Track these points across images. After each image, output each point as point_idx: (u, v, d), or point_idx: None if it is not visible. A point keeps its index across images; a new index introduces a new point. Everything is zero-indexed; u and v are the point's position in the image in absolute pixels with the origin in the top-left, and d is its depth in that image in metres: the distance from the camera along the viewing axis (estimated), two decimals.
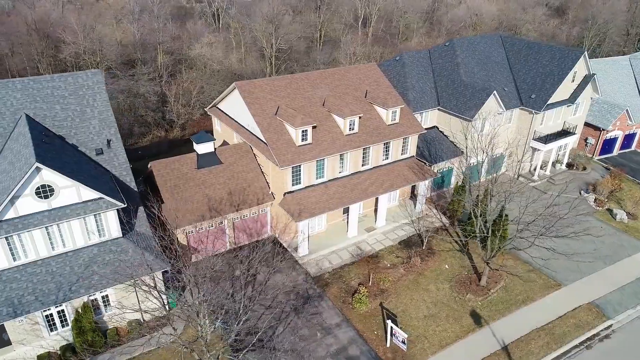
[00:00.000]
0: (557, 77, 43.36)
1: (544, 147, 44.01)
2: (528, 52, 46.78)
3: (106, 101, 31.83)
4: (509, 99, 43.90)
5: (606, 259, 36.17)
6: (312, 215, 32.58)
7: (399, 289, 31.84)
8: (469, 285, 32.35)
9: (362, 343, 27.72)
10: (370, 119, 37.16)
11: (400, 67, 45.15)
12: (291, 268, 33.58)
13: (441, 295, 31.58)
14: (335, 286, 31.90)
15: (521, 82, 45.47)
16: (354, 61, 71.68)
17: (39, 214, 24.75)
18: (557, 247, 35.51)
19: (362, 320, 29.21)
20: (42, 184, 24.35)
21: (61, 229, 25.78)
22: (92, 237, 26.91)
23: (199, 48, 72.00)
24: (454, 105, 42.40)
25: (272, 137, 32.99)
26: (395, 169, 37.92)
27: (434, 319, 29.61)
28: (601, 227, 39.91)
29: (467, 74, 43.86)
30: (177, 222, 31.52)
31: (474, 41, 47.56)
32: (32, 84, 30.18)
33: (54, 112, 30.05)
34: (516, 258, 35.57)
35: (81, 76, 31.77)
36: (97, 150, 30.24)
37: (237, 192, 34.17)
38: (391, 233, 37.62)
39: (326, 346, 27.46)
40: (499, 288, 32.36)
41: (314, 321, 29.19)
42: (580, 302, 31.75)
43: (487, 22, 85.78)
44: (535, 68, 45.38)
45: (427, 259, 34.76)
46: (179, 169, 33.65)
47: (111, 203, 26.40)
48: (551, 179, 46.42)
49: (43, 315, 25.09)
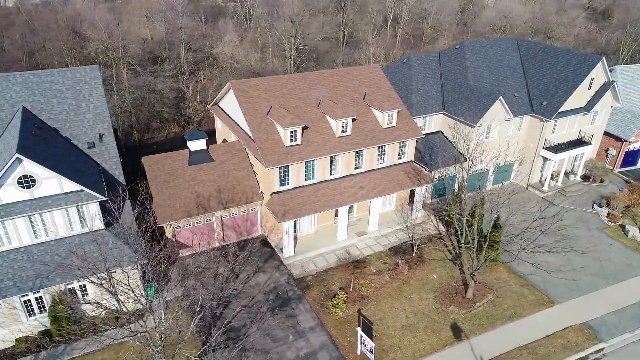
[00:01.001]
0: (571, 83, 41.26)
1: (555, 157, 41.98)
2: (544, 57, 44.76)
3: (102, 96, 32.76)
4: (519, 106, 42.15)
5: (610, 278, 34.10)
6: (297, 216, 32.37)
7: (380, 296, 31.16)
8: (455, 297, 31.25)
9: (333, 349, 27.29)
10: (366, 121, 36.56)
11: (407, 69, 44.20)
12: (275, 268, 33.50)
13: (423, 305, 30.66)
14: (315, 289, 31.57)
15: (534, 87, 43.56)
16: (374, 62, 70.83)
17: (21, 203, 25.73)
18: (559, 263, 34.05)
19: (337, 326, 28.76)
20: (24, 174, 25.30)
21: (44, 218, 26.72)
22: (75, 227, 27.73)
23: (221, 46, 73.15)
24: (458, 110, 41.12)
25: (260, 137, 33.00)
26: (390, 174, 37.14)
27: (412, 329, 28.78)
28: (610, 244, 37.71)
29: (475, 78, 42.41)
30: (164, 217, 32.08)
31: (487, 44, 45.95)
32: (32, 77, 31.44)
33: (51, 106, 31.20)
34: (510, 271, 34.11)
35: (79, 71, 32.83)
36: (89, 143, 31.18)
37: (227, 190, 34.41)
38: (383, 239, 36.87)
39: (296, 349, 27.20)
40: (486, 302, 31.10)
41: (289, 323, 28.97)
42: (572, 321, 30.06)
43: (518, 24, 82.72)
44: (549, 74, 43.37)
45: (416, 267, 33.86)
46: (170, 164, 34.22)
47: (92, 195, 27.13)
48: (563, 191, 44.23)
49: (21, 301, 26.06)
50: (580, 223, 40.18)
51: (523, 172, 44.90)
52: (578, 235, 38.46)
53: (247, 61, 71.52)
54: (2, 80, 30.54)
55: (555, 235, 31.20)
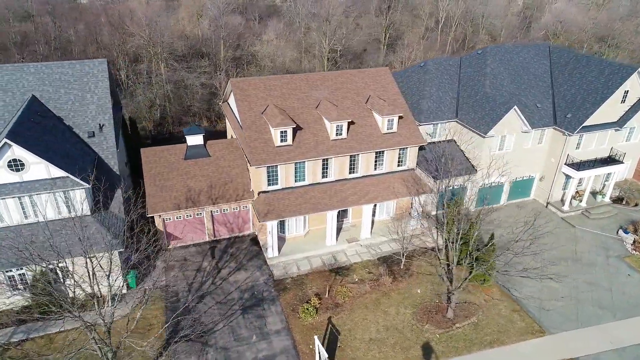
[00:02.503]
0: (601, 95, 37.74)
1: (576, 174, 38.58)
2: (575, 66, 41.32)
3: (106, 89, 34.35)
4: (540, 117, 39.19)
5: (618, 312, 30.82)
6: (279, 217, 32.14)
7: (355, 305, 30.21)
8: (434, 315, 29.63)
9: (294, 355, 26.79)
10: (364, 125, 35.60)
11: (423, 74, 42.52)
12: (258, 267, 33.49)
13: (398, 320, 29.34)
14: (292, 292, 31.19)
15: (560, 98, 40.33)
16: (408, 65, 68.90)
17: (11, 185, 27.55)
18: (562, 290, 31.48)
19: (303, 332, 28.22)
20: (13, 158, 27.05)
21: (33, 201, 28.44)
22: (63, 211, 29.27)
23: (260, 45, 74.42)
24: (471, 118, 38.96)
25: (252, 135, 33.11)
26: (387, 181, 35.90)
27: (379, 344, 27.62)
28: (628, 275, 34.11)
29: (494, 85, 39.94)
30: (154, 208, 33.07)
31: (512, 50, 43.14)
32: (44, 69, 33.59)
33: (58, 95, 33.18)
34: (503, 294, 31.84)
35: (88, 64, 34.64)
36: (89, 132, 32.82)
37: (218, 185, 34.86)
38: (375, 247, 35.74)
39: (257, 351, 27.00)
40: (467, 323, 29.20)
41: (257, 324, 28.83)
42: (560, 355, 27.46)
43: (574, 31, 76.95)
44: (578, 84, 39.96)
45: (401, 280, 32.50)
46: (167, 157, 35.22)
47: (77, 182, 28.49)
48: (587, 212, 40.58)
49: (5, 276, 27.91)
50: (599, 249, 36.71)
51: (544, 189, 41.74)
52: (593, 262, 35.23)
53: (282, 60, 72.21)
54: (16, 70, 32.89)
55: (542, 258, 28.67)
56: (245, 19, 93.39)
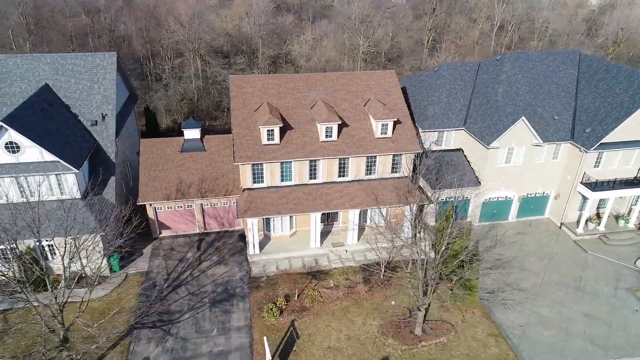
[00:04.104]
0: (626, 110, 34.22)
1: (592, 195, 35.25)
2: (603, 77, 37.76)
3: (113, 81, 36.16)
4: (556, 130, 36.23)
5: (612, 350, 27.83)
6: (258, 215, 32.23)
7: (322, 311, 29.61)
8: (401, 330, 28.36)
9: (247, 353, 26.78)
10: (358, 128, 34.79)
11: (435, 79, 40.78)
12: (238, 263, 33.82)
13: (363, 331, 28.38)
14: (263, 291, 31.18)
15: (582, 111, 37.05)
16: None
17: (8, 165, 29.79)
18: (556, 319, 29.14)
19: (263, 331, 28.09)
20: (9, 141, 29.24)
21: (29, 181, 30.58)
22: (55, 193, 31.23)
23: (297, 44, 75.06)
24: (477, 127, 36.83)
25: (240, 132, 33.45)
26: (377, 187, 34.79)
27: (336, 353, 26.88)
28: (636, 310, 30.70)
29: (507, 94, 37.44)
30: (145, 196, 34.41)
31: (535, 57, 40.19)
32: (59, 59, 36.00)
33: (69, 85, 35.41)
34: (485, 315, 29.83)
35: (99, 57, 36.66)
36: (92, 121, 34.74)
37: (209, 180, 35.59)
38: (360, 254, 34.84)
39: (213, 345, 27.26)
40: (434, 343, 27.66)
41: (221, 318, 29.13)
42: None
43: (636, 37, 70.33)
44: (603, 96, 36.49)
45: (377, 290, 31.42)
46: (164, 149, 36.47)
47: (66, 167, 30.27)
48: (604, 237, 36.98)
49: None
50: (608, 278, 33.35)
51: (559, 208, 38.57)
52: (598, 292, 32.10)
53: (316, 60, 72.32)
54: (34, 59, 35.52)
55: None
56: (300, 18, 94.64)
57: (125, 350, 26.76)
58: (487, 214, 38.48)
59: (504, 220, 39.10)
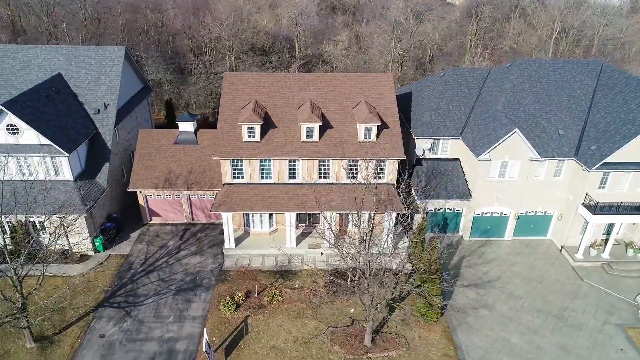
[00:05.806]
0: (637, 128, 30.91)
1: (592, 219, 32.19)
2: (621, 90, 34.35)
3: (119, 72, 38.34)
4: (558, 145, 33.51)
5: None
6: (230, 210, 32.77)
7: (277, 310, 29.57)
8: (352, 339, 27.65)
9: (195, 343, 27.38)
10: (343, 131, 34.29)
11: (439, 84, 39.17)
12: (213, 256, 34.60)
13: (312, 335, 27.98)
14: (227, 285, 31.69)
15: (592, 126, 33.96)
16: None
17: (8, 145, 32.59)
18: (526, 348, 27.32)
19: (216, 324, 28.61)
20: (10, 123, 31.98)
21: (28, 162, 33.28)
22: (51, 174, 33.72)
23: (332, 45, 75.08)
24: (472, 137, 34.95)
25: (224, 128, 34.19)
26: (357, 192, 33.99)
27: (279, 353, 26.74)
28: (620, 350, 27.71)
29: (510, 104, 35.14)
30: (135, 184, 36.20)
31: (548, 66, 37.31)
32: (73, 50, 38.77)
33: (79, 75, 38.05)
34: (447, 335, 28.30)
35: (108, 49, 39.02)
36: (95, 110, 37.09)
37: (197, 172, 36.73)
38: (336, 258, 34.16)
39: (165, 331, 28.14)
40: (383, 356, 26.70)
41: (181, 307, 30.01)
42: None
43: None
44: (616, 111, 33.21)
45: (341, 296, 30.80)
46: (159, 140, 38.09)
47: (59, 151, 32.58)
48: (608, 265, 33.62)
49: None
50: (599, 311, 30.34)
51: (562, 230, 35.65)
52: (582, 325, 29.33)
53: (348, 62, 71.89)
54: (51, 50, 38.51)
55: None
56: (354, 19, 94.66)
57: (86, 326, 28.37)
58: (480, 229, 36.41)
59: (499, 237, 36.76)
